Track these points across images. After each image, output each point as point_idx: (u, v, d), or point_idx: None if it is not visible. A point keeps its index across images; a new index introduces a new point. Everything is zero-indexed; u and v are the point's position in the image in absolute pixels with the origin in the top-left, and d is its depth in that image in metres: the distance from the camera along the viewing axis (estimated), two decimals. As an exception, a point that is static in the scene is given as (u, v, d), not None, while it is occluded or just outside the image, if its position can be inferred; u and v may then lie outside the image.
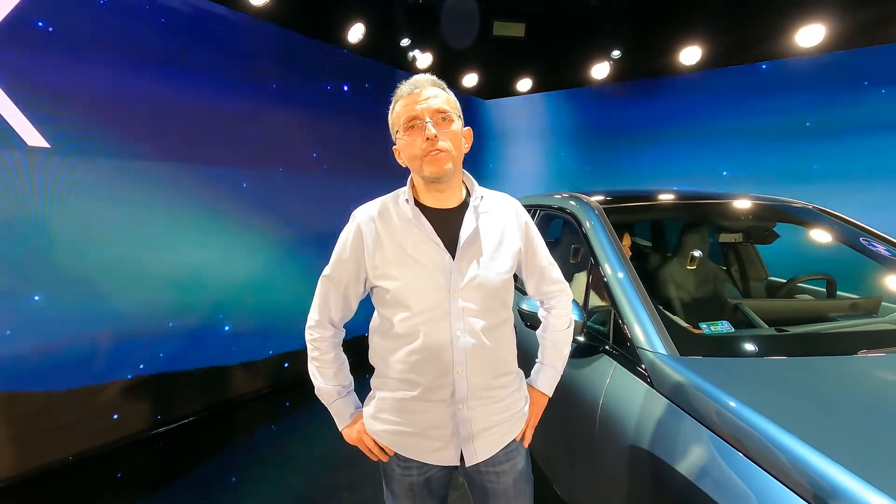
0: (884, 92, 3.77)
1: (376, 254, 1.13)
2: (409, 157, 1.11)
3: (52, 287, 2.58)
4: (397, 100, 1.13)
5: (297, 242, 3.88)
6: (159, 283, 3.03)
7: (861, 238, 1.98)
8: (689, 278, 2.18)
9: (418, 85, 1.11)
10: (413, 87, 1.11)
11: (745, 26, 4.24)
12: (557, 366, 1.32)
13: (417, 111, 1.08)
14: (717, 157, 4.65)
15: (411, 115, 1.08)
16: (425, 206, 1.15)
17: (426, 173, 1.09)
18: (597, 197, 2.13)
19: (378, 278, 1.13)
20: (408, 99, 1.10)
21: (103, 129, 2.71)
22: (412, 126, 1.09)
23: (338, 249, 1.18)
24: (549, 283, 1.29)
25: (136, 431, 2.97)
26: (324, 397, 1.24)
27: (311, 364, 1.23)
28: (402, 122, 1.10)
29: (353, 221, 1.18)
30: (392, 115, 1.15)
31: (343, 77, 4.24)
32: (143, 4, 2.88)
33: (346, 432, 1.25)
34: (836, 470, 0.87)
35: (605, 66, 5.07)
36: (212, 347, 3.37)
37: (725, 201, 2.23)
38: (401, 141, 1.12)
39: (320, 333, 1.21)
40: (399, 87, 1.14)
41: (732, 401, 1.10)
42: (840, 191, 3.93)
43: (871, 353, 1.34)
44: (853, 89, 3.90)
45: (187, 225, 3.16)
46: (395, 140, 1.15)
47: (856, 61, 3.87)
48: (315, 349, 1.21)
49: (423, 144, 1.07)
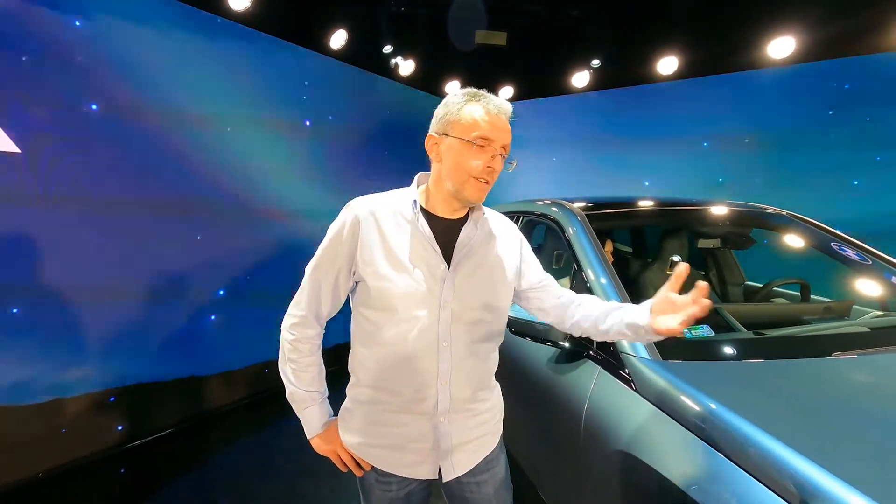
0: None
1: (371, 248, 1.08)
2: (456, 167, 1.06)
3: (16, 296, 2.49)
4: (476, 103, 1.07)
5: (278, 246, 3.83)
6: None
7: (832, 243, 2.04)
8: (669, 283, 2.22)
9: (505, 111, 1.08)
10: (500, 109, 1.07)
11: (720, 38, 4.37)
12: (624, 307, 1.13)
13: (497, 136, 1.05)
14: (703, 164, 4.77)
15: (489, 136, 1.05)
16: (428, 213, 1.13)
17: (465, 195, 1.07)
18: (579, 203, 2.16)
19: (367, 274, 1.08)
20: (493, 116, 1.06)
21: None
22: (483, 145, 1.05)
23: (330, 238, 1.12)
24: (556, 297, 1.24)
25: (109, 445, 2.89)
26: (296, 402, 1.17)
27: (286, 366, 1.15)
28: (474, 133, 1.05)
29: (349, 211, 1.12)
30: (460, 112, 1.07)
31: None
32: (129, 10, 2.84)
33: (317, 442, 1.19)
34: (815, 470, 0.89)
35: (586, 74, 5.17)
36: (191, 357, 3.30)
37: (703, 208, 2.28)
38: (458, 145, 1.06)
39: (302, 333, 1.14)
40: (481, 92, 1.10)
41: (714, 403, 1.12)
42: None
43: (844, 355, 1.39)
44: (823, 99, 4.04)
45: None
46: (443, 132, 1.09)
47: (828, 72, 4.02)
48: (294, 350, 1.14)
49: (482, 169, 1.05)
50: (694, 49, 4.49)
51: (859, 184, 3.85)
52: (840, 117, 3.92)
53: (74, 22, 2.62)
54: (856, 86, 3.85)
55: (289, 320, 1.15)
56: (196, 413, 3.35)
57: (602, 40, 4.84)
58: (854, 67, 3.84)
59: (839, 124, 3.92)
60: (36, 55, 2.46)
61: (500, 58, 5.25)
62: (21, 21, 2.41)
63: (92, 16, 2.67)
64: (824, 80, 3.96)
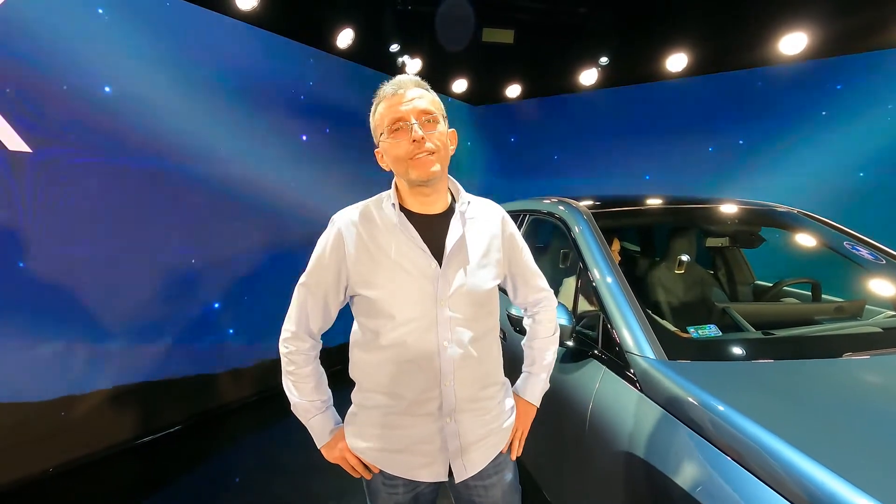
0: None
1: (358, 260, 1.08)
2: (394, 159, 1.07)
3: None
4: (379, 101, 1.09)
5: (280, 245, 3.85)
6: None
7: (845, 242, 2.00)
8: (677, 282, 2.19)
9: (402, 86, 1.07)
10: (396, 88, 1.07)
11: (728, 35, 4.31)
12: (544, 375, 1.29)
13: (402, 112, 1.04)
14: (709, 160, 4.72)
15: (396, 117, 1.04)
16: (410, 212, 1.12)
17: (413, 176, 1.05)
18: (586, 202, 2.13)
19: (360, 286, 1.08)
20: (392, 100, 1.06)
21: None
22: (397, 128, 1.04)
23: (316, 255, 1.12)
24: (534, 292, 1.28)
25: (119, 441, 2.92)
26: (301, 414, 1.16)
27: (285, 378, 1.15)
28: (386, 124, 1.06)
29: (332, 226, 1.12)
30: (374, 118, 1.10)
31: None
32: (135, 6, 2.86)
33: (326, 450, 1.18)
34: (825, 474, 0.87)
35: (594, 72, 5.13)
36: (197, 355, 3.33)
37: (712, 206, 2.25)
38: (385, 143, 1.07)
39: (296, 346, 1.13)
40: (381, 87, 1.10)
41: (721, 405, 1.10)
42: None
43: (856, 355, 1.36)
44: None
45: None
46: (377, 143, 1.11)
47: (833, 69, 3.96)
48: (291, 363, 1.14)
49: (409, 147, 1.03)
50: (703, 45, 4.43)
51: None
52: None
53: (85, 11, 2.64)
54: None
55: (283, 334, 1.15)
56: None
57: (610, 37, 4.79)
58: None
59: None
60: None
61: (507, 56, 5.22)
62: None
63: (94, 8, 2.70)
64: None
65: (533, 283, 1.28)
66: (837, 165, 3.94)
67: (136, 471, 2.80)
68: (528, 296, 1.29)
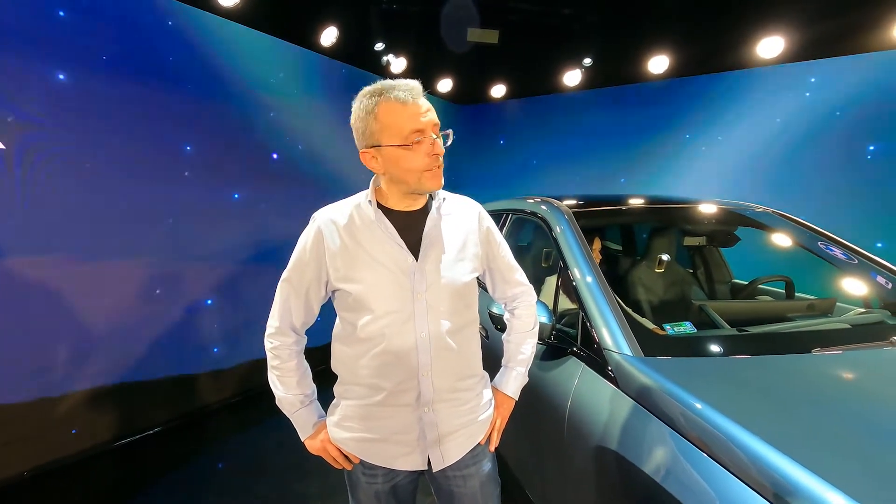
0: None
1: (338, 256, 1.10)
2: (405, 169, 1.05)
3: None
4: (388, 101, 1.04)
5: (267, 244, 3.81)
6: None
7: (818, 241, 2.06)
8: (657, 281, 2.23)
9: (414, 93, 1.04)
10: (410, 95, 1.04)
11: (710, 38, 4.38)
12: (521, 368, 1.31)
13: (423, 124, 1.03)
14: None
15: (418, 128, 1.03)
16: (388, 209, 1.14)
17: (426, 188, 1.08)
18: (567, 201, 2.16)
19: (340, 281, 1.11)
20: (410, 109, 1.03)
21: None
22: (417, 140, 1.03)
23: (297, 252, 1.15)
24: (513, 286, 1.31)
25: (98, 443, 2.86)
26: (286, 407, 1.19)
27: (271, 373, 1.19)
28: (403, 134, 1.03)
29: (312, 223, 1.15)
30: (376, 120, 1.04)
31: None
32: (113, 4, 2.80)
33: (310, 443, 1.21)
34: (794, 467, 0.90)
35: (578, 73, 5.18)
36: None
37: (691, 206, 2.29)
38: (396, 151, 1.04)
39: (280, 341, 1.17)
40: (383, 89, 1.05)
41: (695, 401, 1.13)
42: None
43: (826, 351, 1.40)
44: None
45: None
46: (370, 145, 1.06)
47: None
48: (275, 357, 1.17)
49: (427, 160, 1.04)
50: (684, 48, 4.50)
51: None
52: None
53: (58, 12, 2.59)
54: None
55: (268, 330, 1.18)
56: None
57: (593, 39, 4.84)
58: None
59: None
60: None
61: (492, 56, 5.24)
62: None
63: (77, 7, 2.65)
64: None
65: (511, 277, 1.30)
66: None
67: (114, 473, 2.76)
68: (507, 290, 1.31)
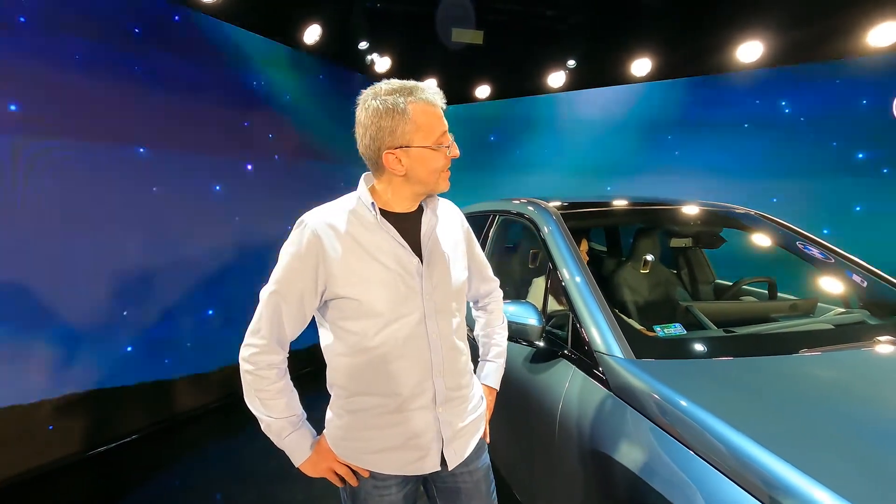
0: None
1: (339, 261, 1.03)
2: (429, 170, 1.05)
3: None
4: (418, 100, 1.02)
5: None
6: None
7: (798, 242, 2.10)
8: (642, 282, 2.25)
9: (438, 96, 1.06)
10: (436, 97, 1.05)
11: (693, 41, 4.45)
12: (502, 360, 1.38)
13: (446, 126, 1.07)
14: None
15: (445, 130, 1.06)
16: (383, 211, 1.11)
17: (441, 188, 1.10)
18: (555, 203, 2.16)
19: (342, 287, 1.04)
20: (437, 111, 1.05)
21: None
22: (444, 143, 1.06)
23: (287, 259, 1.06)
24: (488, 282, 1.37)
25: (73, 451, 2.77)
26: (274, 434, 1.09)
27: (253, 397, 1.07)
28: (434, 136, 1.04)
29: (304, 227, 1.06)
30: (410, 122, 1.01)
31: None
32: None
33: (310, 465, 1.12)
34: (783, 466, 0.91)
35: (562, 74, 5.21)
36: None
37: (675, 207, 2.32)
38: (424, 152, 1.03)
39: (268, 360, 1.06)
40: (410, 89, 1.03)
41: (685, 401, 1.13)
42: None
43: (810, 351, 1.42)
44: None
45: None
46: (399, 146, 1.02)
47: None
48: (261, 378, 1.06)
49: (446, 162, 1.07)
50: (668, 50, 4.56)
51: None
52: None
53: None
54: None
55: (247, 350, 1.07)
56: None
57: (578, 40, 4.87)
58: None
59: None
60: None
61: (476, 56, 5.23)
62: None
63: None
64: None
65: (487, 274, 1.35)
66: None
67: (91, 482, 2.67)
68: (481, 287, 1.36)
